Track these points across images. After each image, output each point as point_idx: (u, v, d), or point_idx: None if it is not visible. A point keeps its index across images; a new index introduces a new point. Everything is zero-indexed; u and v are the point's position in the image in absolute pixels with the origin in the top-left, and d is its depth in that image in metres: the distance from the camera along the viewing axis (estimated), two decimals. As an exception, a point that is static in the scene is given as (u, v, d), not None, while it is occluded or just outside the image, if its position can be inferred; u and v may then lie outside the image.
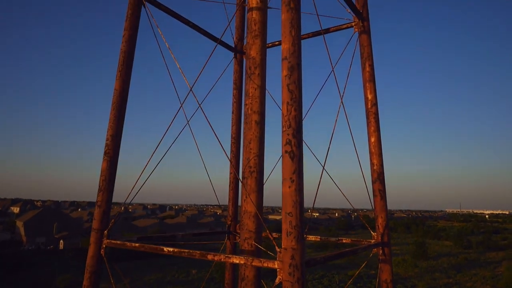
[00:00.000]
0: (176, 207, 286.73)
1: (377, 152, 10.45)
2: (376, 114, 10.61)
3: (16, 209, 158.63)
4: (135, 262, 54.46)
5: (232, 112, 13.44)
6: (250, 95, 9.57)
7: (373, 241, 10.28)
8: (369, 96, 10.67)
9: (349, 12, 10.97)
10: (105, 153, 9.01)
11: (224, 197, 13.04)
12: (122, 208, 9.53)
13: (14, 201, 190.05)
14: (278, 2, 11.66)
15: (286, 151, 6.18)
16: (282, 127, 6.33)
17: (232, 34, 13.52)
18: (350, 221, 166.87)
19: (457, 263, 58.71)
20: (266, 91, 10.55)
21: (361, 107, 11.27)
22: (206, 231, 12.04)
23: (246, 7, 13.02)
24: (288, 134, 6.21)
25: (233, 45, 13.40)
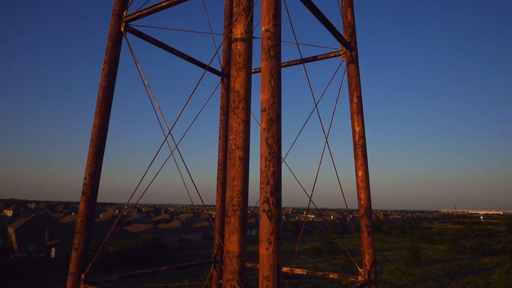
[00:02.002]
0: (172, 209, 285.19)
1: (364, 186, 10.22)
2: (364, 147, 10.38)
3: (9, 212, 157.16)
4: (128, 271, 53.94)
5: (219, 138, 13.15)
6: (234, 130, 9.30)
7: (360, 278, 10.07)
8: (357, 129, 10.44)
9: (337, 41, 10.75)
10: (83, 192, 8.71)
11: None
12: (117, 211, 9.19)
13: (8, 203, 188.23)
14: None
15: (264, 210, 5.93)
16: (260, 183, 6.07)
17: (219, 59, 13.25)
18: (345, 223, 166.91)
19: (450, 270, 58.73)
20: (253, 118, 10.28)
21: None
22: (191, 263, 11.78)
23: (230, 37, 12.76)
24: (266, 192, 5.95)
25: (220, 70, 13.15)
